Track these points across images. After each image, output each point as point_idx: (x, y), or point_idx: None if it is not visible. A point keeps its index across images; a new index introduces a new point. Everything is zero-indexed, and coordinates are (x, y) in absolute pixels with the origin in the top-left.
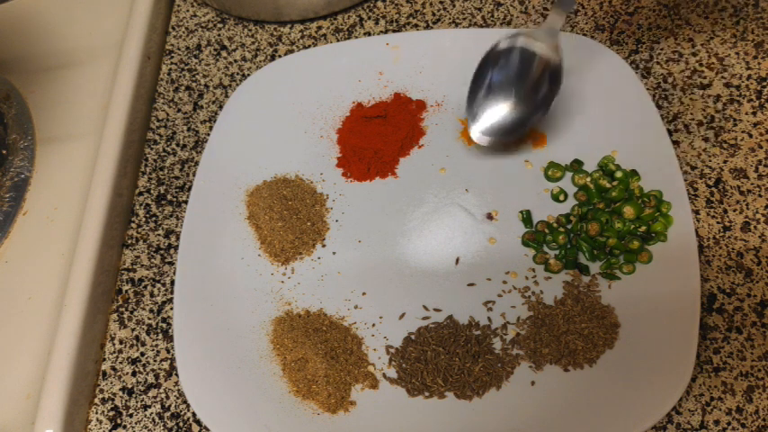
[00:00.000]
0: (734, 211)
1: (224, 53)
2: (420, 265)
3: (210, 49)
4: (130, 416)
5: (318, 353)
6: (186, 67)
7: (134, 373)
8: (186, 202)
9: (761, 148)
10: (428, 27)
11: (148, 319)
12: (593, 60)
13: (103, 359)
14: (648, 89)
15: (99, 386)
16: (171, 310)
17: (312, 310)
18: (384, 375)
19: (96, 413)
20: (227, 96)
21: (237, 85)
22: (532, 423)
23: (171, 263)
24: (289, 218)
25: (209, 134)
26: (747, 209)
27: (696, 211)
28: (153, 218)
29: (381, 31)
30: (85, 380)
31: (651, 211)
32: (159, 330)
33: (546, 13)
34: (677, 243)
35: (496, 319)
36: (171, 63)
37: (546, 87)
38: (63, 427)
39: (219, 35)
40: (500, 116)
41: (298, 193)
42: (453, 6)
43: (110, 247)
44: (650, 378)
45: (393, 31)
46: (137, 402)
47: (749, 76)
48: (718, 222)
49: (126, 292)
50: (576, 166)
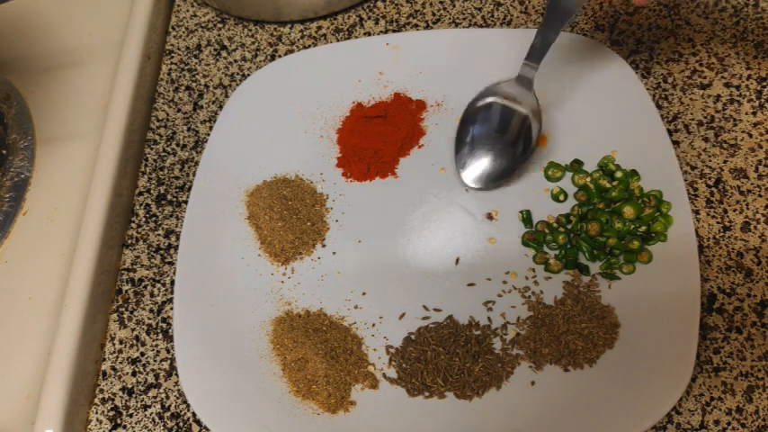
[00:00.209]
0: (734, 211)
1: (224, 53)
2: (420, 265)
3: (210, 49)
4: (130, 416)
5: (318, 353)
6: (186, 67)
7: (134, 373)
8: (186, 202)
9: (761, 148)
10: (428, 27)
11: (148, 319)
12: (593, 60)
13: (103, 359)
14: (648, 89)
15: (99, 386)
16: (171, 310)
17: (312, 310)
18: (384, 375)
19: (96, 413)
20: (227, 96)
21: (237, 85)
22: (532, 423)
23: (171, 263)
24: (289, 218)
25: (209, 134)
26: (747, 209)
27: (696, 211)
28: (153, 218)
29: (381, 31)
30: (85, 380)
31: (651, 211)
32: (159, 330)
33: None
34: (677, 243)
35: (496, 319)
36: (171, 63)
37: (524, 139)
38: (63, 427)
39: (219, 35)
40: (484, 168)
41: (298, 193)
42: (453, 6)
43: (110, 247)
44: (650, 378)
45: (393, 31)
46: (137, 402)
47: (749, 76)
48: (718, 222)
49: (126, 292)
50: (576, 166)
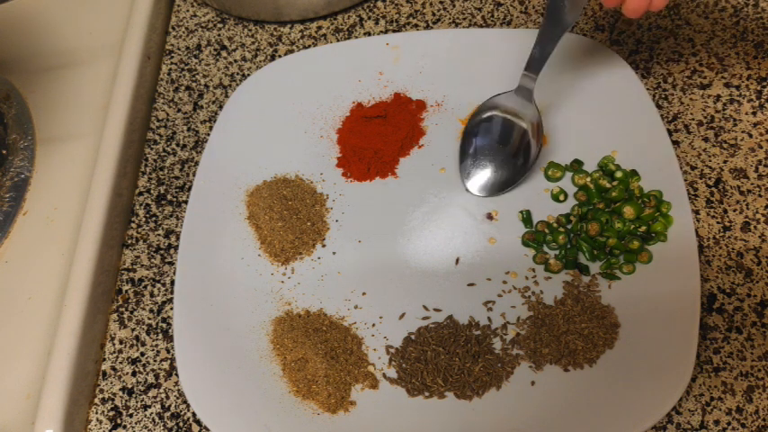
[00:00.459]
0: (734, 211)
1: (224, 53)
2: (420, 265)
3: (210, 49)
4: (130, 416)
5: (318, 353)
6: (186, 67)
7: (134, 373)
8: (186, 202)
9: (761, 148)
10: (428, 27)
11: (148, 319)
12: (593, 60)
13: (103, 359)
14: (648, 89)
15: (99, 386)
16: (171, 310)
17: (312, 310)
18: (384, 375)
19: (96, 413)
20: (227, 96)
21: (237, 85)
22: (532, 423)
23: (171, 263)
24: (289, 218)
25: (209, 134)
26: (747, 209)
27: (696, 211)
28: (153, 218)
29: (381, 31)
30: (85, 380)
31: (651, 211)
32: (159, 330)
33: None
34: (677, 243)
35: (496, 319)
36: (171, 63)
37: (524, 152)
38: (63, 427)
39: (219, 35)
40: (488, 178)
41: (298, 193)
42: (453, 6)
43: (110, 247)
44: (650, 378)
45: (393, 31)
46: (137, 402)
47: (749, 76)
48: (718, 222)
49: (126, 292)
50: (576, 166)
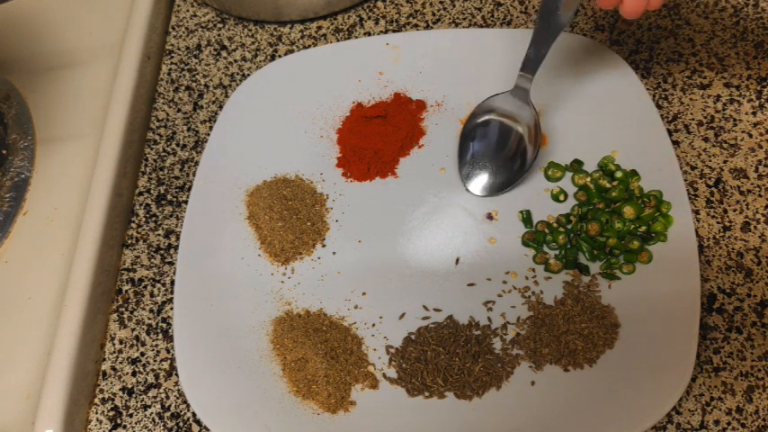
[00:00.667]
0: (734, 211)
1: (224, 53)
2: (420, 265)
3: (210, 49)
4: (130, 416)
5: (318, 353)
6: (186, 67)
7: (134, 373)
8: (186, 202)
9: (761, 148)
10: (428, 27)
11: (148, 319)
12: (593, 60)
13: (103, 359)
14: (648, 89)
15: (99, 386)
16: (171, 310)
17: (312, 310)
18: (384, 375)
19: (96, 413)
20: (227, 96)
21: (237, 85)
22: (532, 423)
23: (171, 263)
24: (289, 218)
25: (209, 134)
26: (747, 209)
27: (696, 211)
28: (153, 218)
29: (381, 31)
30: (85, 380)
31: (651, 211)
32: (159, 330)
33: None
34: (677, 243)
35: (496, 319)
36: (171, 63)
37: (521, 155)
38: (63, 427)
39: (219, 35)
40: (486, 180)
41: (298, 193)
42: (453, 6)
43: (110, 247)
44: (650, 378)
45: (393, 31)
46: (137, 402)
47: (749, 76)
48: (718, 222)
49: (126, 292)
50: (576, 166)
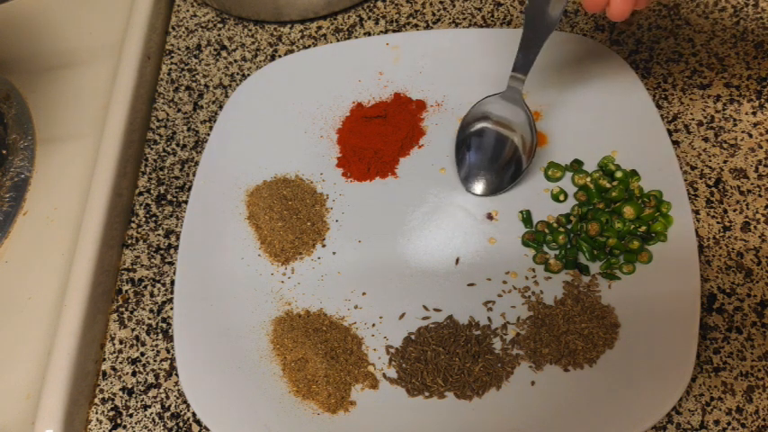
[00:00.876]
0: (734, 211)
1: (224, 53)
2: (420, 265)
3: (210, 49)
4: (130, 416)
5: (318, 353)
6: (186, 67)
7: (134, 373)
8: (186, 202)
9: (761, 148)
10: (428, 27)
11: (148, 319)
12: (593, 60)
13: (103, 359)
14: (648, 89)
15: (99, 386)
16: (171, 310)
17: (312, 310)
18: (384, 375)
19: (96, 413)
20: (227, 96)
21: (237, 85)
22: (532, 423)
23: (171, 263)
24: (289, 218)
25: (209, 134)
26: (747, 209)
27: (696, 211)
28: (153, 218)
29: (381, 31)
30: (85, 380)
31: (651, 211)
32: (159, 330)
33: None
34: (677, 243)
35: (496, 319)
36: (171, 63)
37: (516, 160)
38: (63, 427)
39: (219, 35)
40: (484, 182)
41: (298, 193)
42: (453, 6)
43: (110, 247)
44: (650, 378)
45: (393, 31)
46: (137, 402)
47: (749, 76)
48: (718, 222)
49: (126, 292)
50: (576, 166)
